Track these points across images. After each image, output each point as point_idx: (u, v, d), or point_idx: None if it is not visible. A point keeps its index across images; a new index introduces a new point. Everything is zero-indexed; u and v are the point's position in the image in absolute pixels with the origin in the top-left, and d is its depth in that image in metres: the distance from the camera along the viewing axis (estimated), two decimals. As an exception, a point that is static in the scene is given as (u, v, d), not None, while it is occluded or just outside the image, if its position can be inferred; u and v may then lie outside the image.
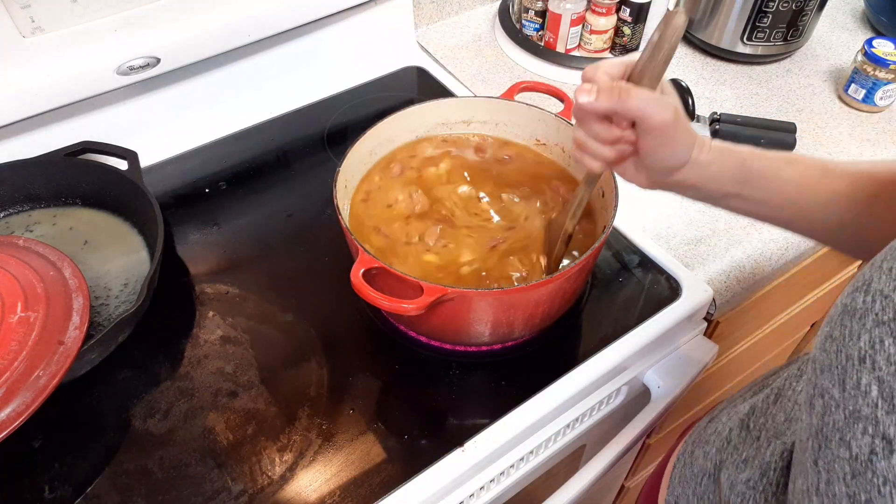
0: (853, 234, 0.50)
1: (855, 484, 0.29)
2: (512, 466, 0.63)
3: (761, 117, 0.90)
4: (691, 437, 0.60)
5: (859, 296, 0.31)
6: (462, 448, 0.59)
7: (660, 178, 0.51)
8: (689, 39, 1.05)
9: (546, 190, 0.69)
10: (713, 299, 0.72)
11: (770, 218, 0.53)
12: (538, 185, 0.70)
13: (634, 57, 0.48)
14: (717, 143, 0.51)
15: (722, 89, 0.98)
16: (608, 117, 0.47)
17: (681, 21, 0.44)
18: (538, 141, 0.72)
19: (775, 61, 1.02)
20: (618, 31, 0.98)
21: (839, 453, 0.30)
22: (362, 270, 0.54)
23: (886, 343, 0.28)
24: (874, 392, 0.28)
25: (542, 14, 0.98)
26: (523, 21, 1.01)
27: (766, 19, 0.95)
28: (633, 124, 0.47)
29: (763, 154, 0.50)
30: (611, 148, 0.49)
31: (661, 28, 0.45)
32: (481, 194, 0.69)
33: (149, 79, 0.78)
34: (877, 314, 0.29)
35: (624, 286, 0.72)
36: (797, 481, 0.36)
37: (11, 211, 0.75)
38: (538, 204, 0.68)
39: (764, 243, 0.78)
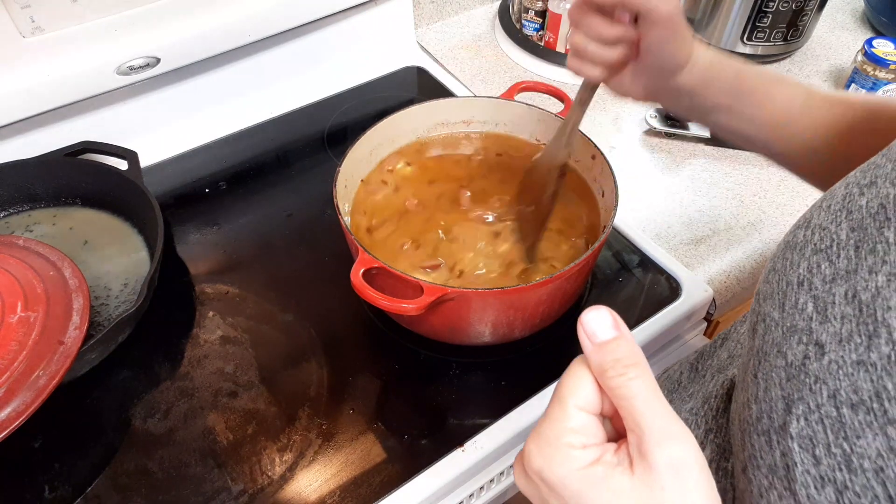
0: (824, 162, 0.50)
1: (789, 386, 0.31)
2: (512, 466, 0.62)
3: (761, 117, 0.90)
4: None
5: (800, 231, 0.33)
6: (462, 448, 0.59)
7: (660, 83, 0.49)
8: (689, 39, 1.04)
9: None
10: (713, 299, 0.72)
11: (753, 138, 0.52)
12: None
13: None
14: (711, 49, 0.50)
15: (722, 89, 0.98)
16: (609, 14, 0.45)
17: None
18: (538, 141, 0.72)
19: (775, 61, 1.02)
20: (618, 31, 0.98)
21: (776, 363, 0.32)
22: (362, 270, 0.54)
23: (823, 266, 0.31)
24: (810, 308, 0.31)
25: (542, 14, 0.98)
26: (523, 21, 1.01)
27: (766, 19, 0.95)
28: (635, 19, 0.45)
29: (755, 69, 0.50)
30: (612, 49, 0.46)
31: None
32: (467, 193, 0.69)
33: (149, 79, 0.78)
34: (815, 244, 0.32)
35: (624, 286, 0.72)
36: (738, 397, 0.38)
37: (11, 211, 0.75)
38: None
39: (764, 243, 0.78)
